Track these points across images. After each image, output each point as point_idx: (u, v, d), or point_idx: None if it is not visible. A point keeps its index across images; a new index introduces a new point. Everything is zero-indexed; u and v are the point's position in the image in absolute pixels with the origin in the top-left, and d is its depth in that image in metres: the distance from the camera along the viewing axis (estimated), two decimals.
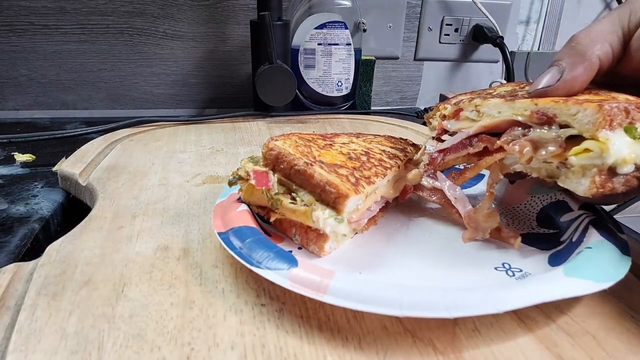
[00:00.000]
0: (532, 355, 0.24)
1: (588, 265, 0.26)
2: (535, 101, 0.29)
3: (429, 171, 0.37)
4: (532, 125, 0.29)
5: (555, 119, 0.28)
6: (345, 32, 0.72)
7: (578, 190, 0.27)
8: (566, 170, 0.28)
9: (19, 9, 0.70)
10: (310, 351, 0.24)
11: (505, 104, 0.31)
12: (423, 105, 0.94)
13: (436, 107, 0.38)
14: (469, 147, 0.33)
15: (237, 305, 0.27)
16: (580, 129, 0.26)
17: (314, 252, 0.31)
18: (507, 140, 0.30)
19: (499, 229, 0.33)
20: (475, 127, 0.33)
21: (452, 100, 0.38)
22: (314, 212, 0.30)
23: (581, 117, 0.26)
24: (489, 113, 0.32)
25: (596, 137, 0.25)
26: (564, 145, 0.27)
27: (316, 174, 0.30)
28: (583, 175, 0.27)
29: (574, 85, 0.29)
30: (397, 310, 0.23)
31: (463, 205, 0.35)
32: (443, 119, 0.37)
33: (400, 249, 0.33)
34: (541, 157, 0.28)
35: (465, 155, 0.34)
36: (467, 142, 0.33)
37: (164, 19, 0.76)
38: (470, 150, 0.33)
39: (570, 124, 0.27)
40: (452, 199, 0.35)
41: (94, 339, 0.24)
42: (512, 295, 0.24)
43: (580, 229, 0.32)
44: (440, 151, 0.36)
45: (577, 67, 0.29)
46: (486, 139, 0.32)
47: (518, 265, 0.31)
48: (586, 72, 0.29)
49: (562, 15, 0.93)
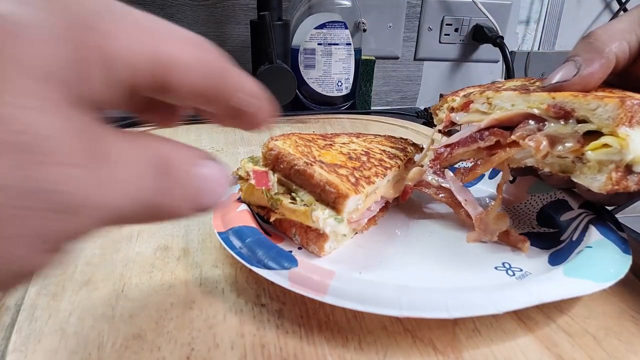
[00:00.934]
0: (532, 355, 0.24)
1: (588, 264, 0.26)
2: (552, 95, 0.28)
3: (434, 167, 0.35)
4: (547, 119, 0.28)
5: (573, 114, 0.27)
6: (345, 32, 0.72)
7: (592, 186, 0.27)
8: (581, 166, 0.27)
9: None
10: (310, 351, 0.24)
11: (520, 97, 0.30)
12: (423, 105, 0.94)
13: (444, 98, 0.37)
14: (479, 141, 0.32)
15: (237, 305, 0.27)
16: (600, 124, 0.26)
17: (313, 252, 0.31)
18: (522, 135, 0.29)
19: (508, 232, 0.32)
20: (486, 120, 0.31)
21: (461, 92, 0.37)
22: (313, 212, 0.30)
23: (601, 113, 0.26)
24: (501, 106, 0.31)
25: (615, 133, 0.25)
26: (582, 141, 0.27)
27: (316, 173, 0.30)
28: (599, 171, 0.26)
29: (589, 81, 0.29)
30: (397, 311, 0.23)
31: (474, 207, 0.34)
32: (451, 111, 0.35)
33: (400, 249, 0.33)
34: (558, 152, 0.27)
35: (474, 150, 0.33)
36: (478, 136, 0.32)
37: (164, 19, 0.76)
38: (480, 144, 0.32)
39: (588, 119, 0.26)
40: (462, 200, 0.34)
41: (94, 339, 0.24)
42: (512, 296, 0.24)
43: (580, 228, 0.32)
44: (447, 146, 0.35)
45: (593, 63, 0.28)
46: (498, 133, 0.31)
47: (518, 264, 0.31)
48: (602, 69, 0.29)
49: (562, 15, 0.93)
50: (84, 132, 0.13)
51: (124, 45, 0.14)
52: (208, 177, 0.17)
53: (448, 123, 0.36)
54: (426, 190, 0.36)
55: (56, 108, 0.12)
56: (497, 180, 0.42)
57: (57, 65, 0.13)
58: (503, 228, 0.32)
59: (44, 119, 0.12)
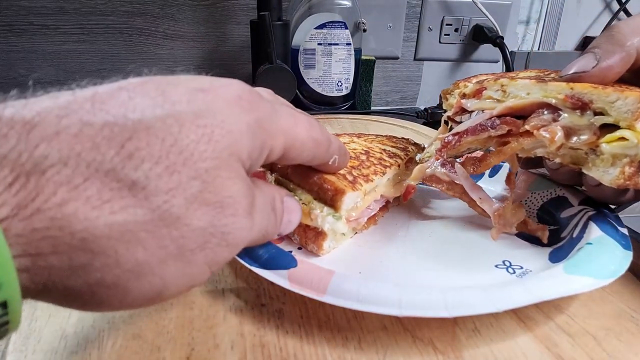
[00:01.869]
0: (532, 355, 0.24)
1: (588, 261, 0.26)
2: (571, 85, 0.27)
3: (441, 158, 0.34)
4: (562, 109, 0.28)
5: (591, 105, 0.27)
6: (345, 32, 0.72)
7: (604, 179, 0.26)
8: (594, 158, 0.27)
9: (18, 9, 0.70)
10: (310, 351, 0.24)
11: (536, 86, 0.29)
12: (423, 105, 0.94)
13: (455, 84, 0.36)
14: (489, 130, 0.31)
15: (237, 305, 0.27)
16: (617, 117, 0.26)
17: (312, 250, 0.31)
18: (537, 125, 0.28)
19: (526, 222, 0.32)
20: (499, 107, 0.31)
21: (473, 79, 0.36)
22: (312, 210, 0.30)
23: (620, 105, 0.26)
24: (515, 94, 0.30)
25: (633, 127, 0.25)
26: (598, 133, 0.27)
27: (312, 172, 0.30)
28: (612, 165, 0.26)
29: (607, 74, 0.28)
30: (397, 310, 0.23)
31: (490, 204, 0.33)
32: (462, 97, 0.35)
33: (400, 249, 0.33)
34: (572, 144, 0.27)
35: (484, 139, 0.32)
36: (489, 124, 0.31)
37: (164, 19, 0.76)
38: (491, 132, 0.31)
39: (606, 111, 0.26)
40: (476, 199, 0.33)
41: (94, 339, 0.24)
42: (512, 294, 0.24)
43: (580, 225, 0.32)
44: (455, 134, 0.33)
45: (613, 56, 0.28)
46: (511, 122, 0.30)
47: (519, 262, 0.31)
48: (622, 62, 0.28)
49: (562, 15, 0.93)
50: (249, 191, 0.20)
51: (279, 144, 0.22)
52: (291, 208, 0.26)
53: (458, 109, 0.35)
54: (437, 186, 0.35)
55: (243, 179, 0.19)
56: (497, 178, 0.43)
57: (248, 152, 0.20)
58: (521, 218, 0.32)
59: (236, 187, 0.19)
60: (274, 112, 0.22)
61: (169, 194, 0.16)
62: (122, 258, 0.16)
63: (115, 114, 0.16)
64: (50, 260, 0.15)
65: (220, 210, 0.18)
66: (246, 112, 0.20)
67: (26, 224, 0.14)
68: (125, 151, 0.16)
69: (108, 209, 0.15)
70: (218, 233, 0.18)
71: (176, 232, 0.17)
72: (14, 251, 0.14)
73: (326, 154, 0.27)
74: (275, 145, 0.22)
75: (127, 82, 0.18)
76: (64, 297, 0.16)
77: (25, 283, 0.15)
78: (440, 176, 0.35)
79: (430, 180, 0.36)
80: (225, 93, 0.20)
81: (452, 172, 0.34)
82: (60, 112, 0.16)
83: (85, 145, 0.15)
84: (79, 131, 0.15)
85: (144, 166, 0.16)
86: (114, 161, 0.16)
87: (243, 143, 0.19)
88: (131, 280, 0.16)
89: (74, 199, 0.15)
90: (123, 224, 0.16)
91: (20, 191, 0.14)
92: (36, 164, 0.14)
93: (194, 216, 0.17)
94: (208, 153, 0.18)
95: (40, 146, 0.15)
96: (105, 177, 0.15)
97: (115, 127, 0.16)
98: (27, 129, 0.15)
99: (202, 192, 0.17)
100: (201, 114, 0.18)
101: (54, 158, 0.15)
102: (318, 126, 0.25)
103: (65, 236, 0.15)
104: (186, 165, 0.17)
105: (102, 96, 0.17)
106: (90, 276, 0.16)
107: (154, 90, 0.18)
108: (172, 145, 0.17)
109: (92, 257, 0.15)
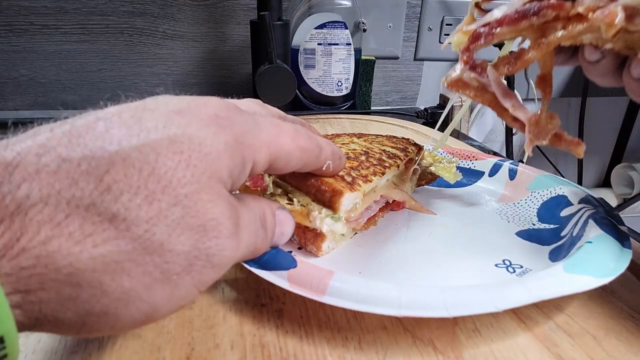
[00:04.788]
0: (532, 355, 0.24)
1: (588, 260, 0.26)
2: None
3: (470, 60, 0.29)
4: None
5: None
6: (345, 32, 0.72)
7: None
8: None
9: (19, 8, 0.70)
10: (310, 351, 0.24)
11: None
12: (423, 105, 0.94)
13: None
14: (531, 18, 0.26)
15: (237, 305, 0.27)
16: None
17: (312, 251, 0.31)
18: (592, 7, 0.23)
19: (560, 135, 0.27)
20: None
21: None
22: (310, 212, 0.30)
23: None
24: None
25: None
26: None
27: (310, 174, 0.30)
28: None
29: None
30: (396, 310, 0.23)
31: (524, 112, 0.28)
32: None
33: (400, 249, 0.33)
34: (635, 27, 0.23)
35: (522, 29, 0.27)
36: (530, 10, 0.26)
37: (164, 19, 0.76)
38: (533, 20, 0.26)
39: None
40: (509, 107, 0.28)
41: (93, 339, 0.24)
42: (511, 294, 0.24)
43: (580, 223, 0.32)
44: (486, 24, 0.28)
45: None
46: (558, 5, 0.25)
47: (518, 261, 0.31)
48: None
49: None
50: (232, 211, 0.20)
51: (262, 157, 0.22)
52: (283, 220, 0.25)
53: None
54: (465, 93, 0.30)
55: (225, 200, 0.19)
56: (497, 178, 0.43)
57: (228, 171, 0.20)
58: (557, 127, 0.27)
59: (218, 208, 0.19)
60: (255, 125, 0.22)
61: (150, 223, 0.17)
62: (109, 288, 0.16)
63: (92, 147, 0.17)
64: (40, 296, 0.15)
65: (204, 233, 0.18)
66: (223, 129, 0.20)
67: (14, 264, 0.14)
68: (104, 184, 0.16)
69: (90, 243, 0.16)
70: (202, 255, 0.18)
71: (159, 259, 0.17)
72: (5, 289, 0.14)
73: (317, 160, 0.27)
74: (259, 159, 0.22)
75: (104, 112, 0.19)
76: (57, 327, 0.16)
77: (19, 318, 0.15)
78: (469, 81, 0.30)
79: (456, 85, 0.30)
80: (202, 113, 0.20)
81: (483, 76, 0.29)
82: (40, 150, 0.16)
83: (64, 183, 0.16)
84: (57, 168, 0.16)
85: (122, 198, 0.16)
86: (93, 195, 0.16)
87: (222, 163, 0.19)
88: (120, 307, 0.17)
89: (56, 236, 0.15)
90: (107, 255, 0.16)
91: (5, 232, 0.14)
92: (19, 204, 0.15)
93: (177, 241, 0.17)
94: (187, 178, 0.18)
95: (22, 186, 0.15)
96: (86, 212, 0.16)
97: (93, 160, 0.16)
98: (9, 171, 0.15)
99: (184, 217, 0.17)
100: (177, 139, 0.18)
101: (35, 197, 0.15)
102: (306, 134, 0.25)
103: (51, 272, 0.15)
104: (165, 193, 0.17)
105: (79, 130, 0.17)
106: (79, 307, 0.16)
107: (130, 119, 0.18)
108: (150, 175, 0.17)
109: (79, 289, 0.16)
